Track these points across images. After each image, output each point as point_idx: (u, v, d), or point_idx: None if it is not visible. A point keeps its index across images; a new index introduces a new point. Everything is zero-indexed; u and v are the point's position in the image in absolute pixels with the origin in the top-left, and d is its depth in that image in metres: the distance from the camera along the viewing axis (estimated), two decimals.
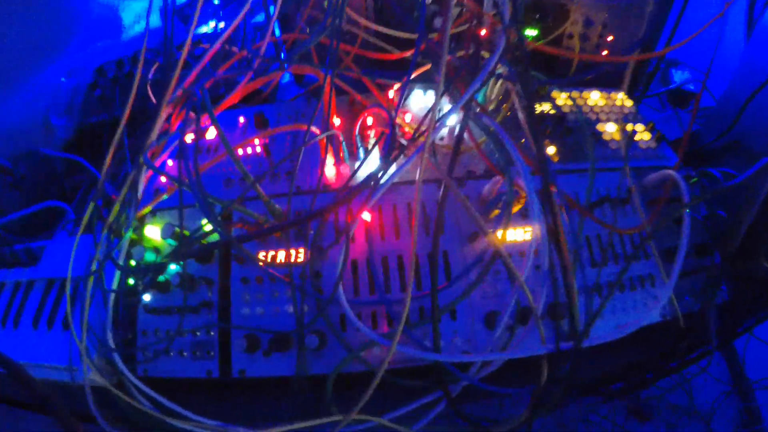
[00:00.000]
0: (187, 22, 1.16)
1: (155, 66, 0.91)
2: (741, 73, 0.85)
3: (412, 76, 0.63)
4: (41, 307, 0.74)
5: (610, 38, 0.83)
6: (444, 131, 0.63)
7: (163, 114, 0.56)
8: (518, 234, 0.56)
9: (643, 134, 0.73)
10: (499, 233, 0.51)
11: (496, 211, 0.54)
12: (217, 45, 0.63)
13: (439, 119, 0.47)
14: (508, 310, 0.50)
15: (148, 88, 0.88)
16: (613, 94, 0.80)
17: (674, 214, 0.60)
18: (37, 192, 0.93)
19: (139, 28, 1.10)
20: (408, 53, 0.64)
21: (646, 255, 0.63)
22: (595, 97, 0.77)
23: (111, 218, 0.56)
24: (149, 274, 0.52)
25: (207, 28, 1.06)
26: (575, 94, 0.77)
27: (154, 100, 0.78)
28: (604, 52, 0.84)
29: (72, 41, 1.08)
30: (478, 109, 0.47)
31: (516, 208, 0.53)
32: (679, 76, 1.15)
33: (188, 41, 0.60)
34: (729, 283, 0.65)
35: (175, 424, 0.54)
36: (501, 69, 0.57)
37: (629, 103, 0.79)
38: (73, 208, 0.85)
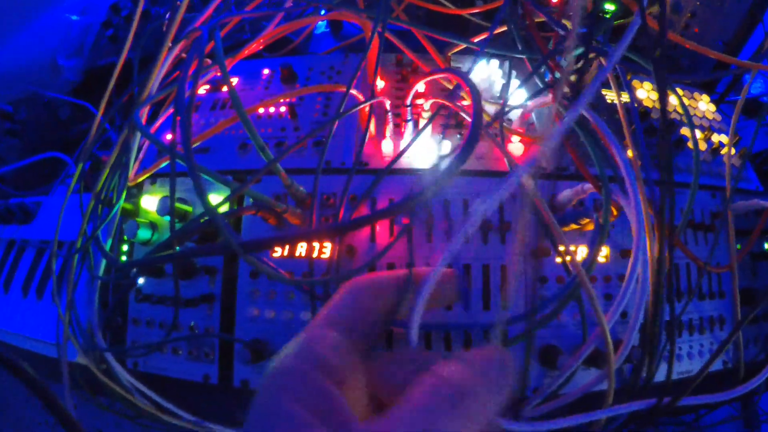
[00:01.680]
0: None
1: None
2: None
3: (477, 40, 0.50)
4: (31, 274, 0.66)
5: (695, 30, 0.69)
6: (515, 113, 0.49)
7: (164, 58, 0.44)
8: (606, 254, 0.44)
9: (731, 148, 0.59)
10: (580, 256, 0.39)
11: (574, 226, 0.42)
12: None
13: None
14: (580, 356, 0.38)
15: (165, 26, 0.76)
16: (696, 95, 0.66)
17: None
18: (39, 140, 0.85)
19: None
20: (472, 10, 0.50)
21: (721, 294, 0.52)
22: (676, 97, 0.63)
23: (99, 186, 0.46)
24: (138, 268, 0.43)
25: None
26: (654, 88, 0.63)
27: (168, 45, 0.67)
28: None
29: None
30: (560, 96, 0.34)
31: (591, 226, 0.41)
32: (753, 85, 1.00)
33: None
34: None
35: (165, 419, 0.47)
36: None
37: (712, 107, 0.65)
38: (75, 161, 0.76)
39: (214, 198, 0.47)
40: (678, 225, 0.47)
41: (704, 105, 0.66)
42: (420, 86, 0.46)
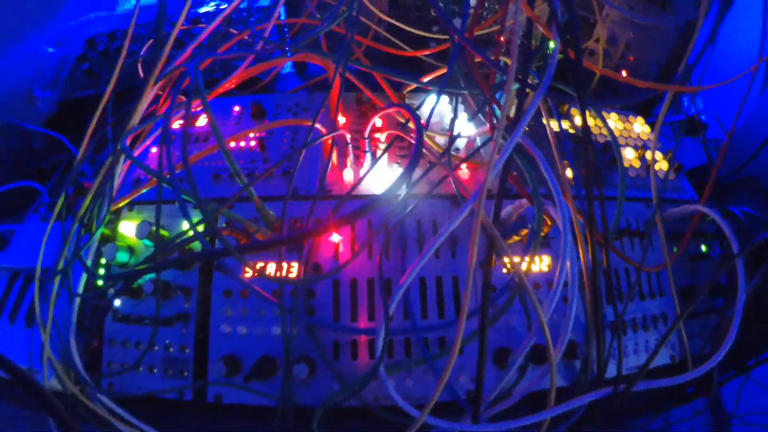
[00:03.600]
0: None
1: (149, 43, 0.83)
2: (759, 108, 0.81)
3: (426, 80, 0.57)
4: (5, 299, 0.67)
5: (631, 59, 0.79)
6: (461, 141, 0.56)
7: (149, 93, 0.49)
8: (542, 264, 0.50)
9: (662, 163, 0.68)
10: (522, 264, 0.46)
11: (516, 238, 0.48)
12: (217, 22, 0.56)
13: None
14: (523, 350, 0.44)
15: (139, 65, 0.81)
16: (631, 118, 0.75)
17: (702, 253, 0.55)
18: (12, 169, 0.86)
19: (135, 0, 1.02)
20: (425, 52, 0.57)
21: (661, 293, 0.59)
22: (613, 120, 0.71)
23: (82, 211, 0.49)
24: (118, 282, 0.46)
25: (208, 8, 0.99)
26: (592, 115, 0.71)
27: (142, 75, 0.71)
28: (623, 73, 0.80)
29: (64, 9, 1.00)
30: (504, 124, 0.41)
31: (542, 233, 0.47)
32: (688, 103, 1.07)
33: (184, 12, 0.53)
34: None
35: None
36: (532, 81, 0.51)
37: (647, 129, 0.74)
38: (48, 191, 0.78)
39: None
40: (609, 231, 0.54)
41: (639, 126, 0.74)
42: (377, 121, 0.52)
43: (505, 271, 0.51)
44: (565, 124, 0.69)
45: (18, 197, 0.83)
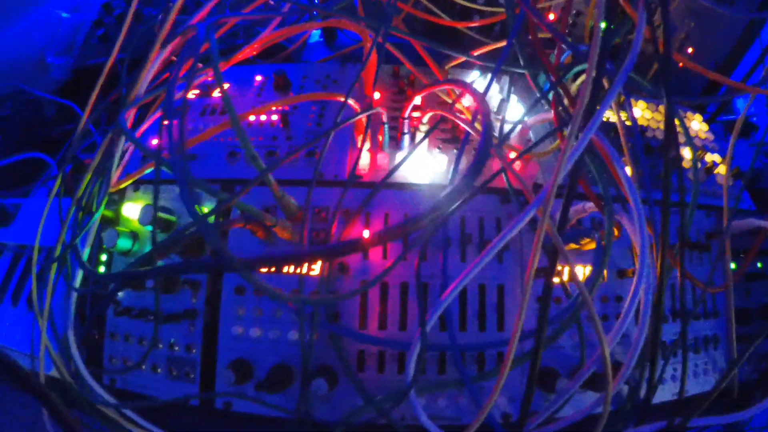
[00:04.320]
0: None
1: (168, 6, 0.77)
2: None
3: (477, 53, 0.49)
4: (7, 279, 0.63)
5: (690, 50, 0.69)
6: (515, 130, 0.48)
7: (154, 58, 0.43)
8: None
9: (722, 167, 0.59)
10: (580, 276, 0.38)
11: (573, 246, 0.40)
12: None
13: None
14: (579, 378, 0.37)
15: (157, 28, 0.74)
16: (689, 115, 0.65)
17: None
18: (22, 138, 0.82)
19: None
20: (474, 23, 0.49)
21: (715, 313, 0.52)
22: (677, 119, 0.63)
23: (80, 191, 0.44)
24: (117, 281, 0.40)
25: None
26: (651, 106, 0.62)
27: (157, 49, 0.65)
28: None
29: None
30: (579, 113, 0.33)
31: (591, 245, 0.40)
32: (741, 104, 1.02)
33: None
34: None
35: None
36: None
37: (705, 127, 0.65)
38: (57, 163, 0.74)
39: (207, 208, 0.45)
40: (676, 245, 0.47)
41: (697, 125, 0.66)
42: (418, 99, 0.45)
43: (557, 280, 0.44)
44: (623, 116, 0.61)
45: (26, 169, 0.78)
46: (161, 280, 0.41)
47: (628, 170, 0.46)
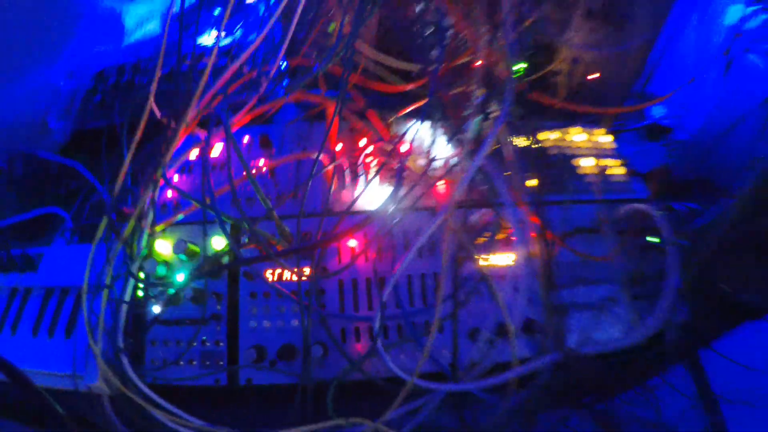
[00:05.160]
0: (187, 28, 1.18)
1: (158, 73, 0.93)
2: (715, 111, 0.93)
3: (408, 110, 0.70)
4: (41, 315, 0.75)
5: (594, 76, 0.91)
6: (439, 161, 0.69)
7: (182, 135, 0.59)
8: (501, 259, 0.63)
9: (616, 169, 0.81)
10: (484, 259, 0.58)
11: (482, 239, 0.60)
12: (235, 66, 0.67)
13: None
14: (488, 327, 0.56)
15: (152, 99, 0.90)
16: (595, 131, 0.87)
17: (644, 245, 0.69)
18: (33, 195, 0.94)
19: (140, 33, 1.11)
20: (410, 86, 0.70)
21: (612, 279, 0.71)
22: (577, 134, 0.85)
23: (127, 233, 0.59)
24: (170, 291, 0.56)
25: (208, 38, 1.09)
26: (561, 131, 0.84)
27: (158, 113, 0.81)
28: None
29: (72, 43, 1.08)
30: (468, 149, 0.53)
31: (501, 236, 0.60)
32: (656, 110, 1.20)
33: (211, 60, 0.63)
34: (690, 304, 0.74)
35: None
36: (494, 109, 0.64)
37: (607, 139, 0.87)
38: (71, 216, 0.87)
39: (217, 239, 0.62)
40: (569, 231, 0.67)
41: (602, 138, 0.86)
42: (369, 149, 0.64)
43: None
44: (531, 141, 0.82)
45: (38, 222, 0.91)
46: (195, 293, 0.57)
47: (534, 181, 0.67)
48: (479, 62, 0.61)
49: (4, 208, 0.91)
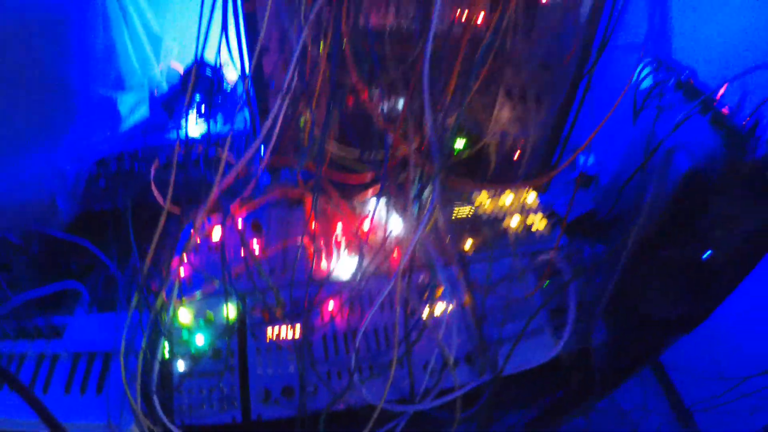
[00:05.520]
0: (171, 114, 1.37)
1: (155, 164, 1.11)
2: (625, 156, 1.09)
3: (368, 196, 0.92)
4: (72, 376, 0.90)
5: (521, 142, 1.14)
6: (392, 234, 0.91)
7: (198, 224, 0.78)
8: (440, 308, 0.85)
9: (540, 223, 1.03)
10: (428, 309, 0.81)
11: (425, 294, 0.83)
12: (240, 164, 0.87)
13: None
14: (433, 359, 0.79)
15: (153, 185, 1.08)
16: (525, 192, 1.07)
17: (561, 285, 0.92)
18: (49, 270, 1.08)
19: (133, 119, 1.29)
20: (368, 177, 0.92)
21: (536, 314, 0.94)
22: (507, 197, 1.06)
23: (158, 306, 0.77)
24: (192, 350, 0.75)
25: (194, 128, 1.28)
26: (493, 195, 1.05)
27: (161, 200, 0.99)
28: (517, 153, 1.14)
29: (73, 129, 1.23)
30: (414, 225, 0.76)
31: (440, 292, 0.83)
32: (583, 159, 1.35)
33: (221, 169, 0.83)
34: (610, 326, 0.95)
35: None
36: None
37: (533, 196, 1.08)
38: (89, 289, 1.02)
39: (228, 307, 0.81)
40: (498, 280, 0.90)
41: (531, 197, 1.08)
42: (338, 228, 0.86)
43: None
44: (467, 209, 1.04)
45: (57, 294, 1.05)
46: (213, 351, 0.76)
47: (469, 243, 0.90)
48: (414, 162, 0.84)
49: (24, 282, 1.04)
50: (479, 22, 0.90)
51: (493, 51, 0.81)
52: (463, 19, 0.89)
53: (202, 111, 1.26)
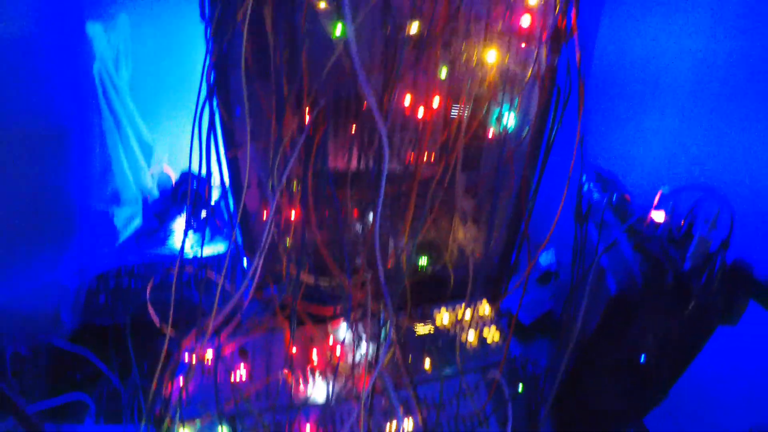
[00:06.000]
0: (162, 223, 1.52)
1: (150, 284, 1.25)
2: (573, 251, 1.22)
3: (335, 327, 1.11)
4: None
5: (477, 255, 1.34)
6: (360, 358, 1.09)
7: (198, 353, 0.94)
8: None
9: (494, 335, 1.21)
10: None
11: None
12: (234, 300, 1.04)
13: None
14: None
15: (149, 304, 1.22)
16: (481, 305, 1.24)
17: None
18: (54, 380, 1.21)
19: (127, 233, 1.44)
20: (337, 309, 1.11)
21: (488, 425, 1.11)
22: (464, 312, 1.20)
23: (164, 428, 0.92)
24: None
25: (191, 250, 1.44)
26: (450, 311, 1.22)
27: (156, 321, 1.14)
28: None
29: (73, 243, 1.38)
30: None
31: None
32: (544, 257, 1.43)
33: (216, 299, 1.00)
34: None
35: None
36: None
37: (488, 309, 1.25)
38: (95, 400, 1.16)
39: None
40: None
41: (486, 309, 1.23)
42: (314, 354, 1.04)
43: None
44: (428, 327, 1.22)
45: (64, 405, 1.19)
46: None
47: (428, 361, 1.09)
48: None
49: (35, 391, 1.17)
50: (432, 160, 1.11)
51: (444, 184, 1.01)
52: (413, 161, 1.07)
53: (193, 225, 1.42)
